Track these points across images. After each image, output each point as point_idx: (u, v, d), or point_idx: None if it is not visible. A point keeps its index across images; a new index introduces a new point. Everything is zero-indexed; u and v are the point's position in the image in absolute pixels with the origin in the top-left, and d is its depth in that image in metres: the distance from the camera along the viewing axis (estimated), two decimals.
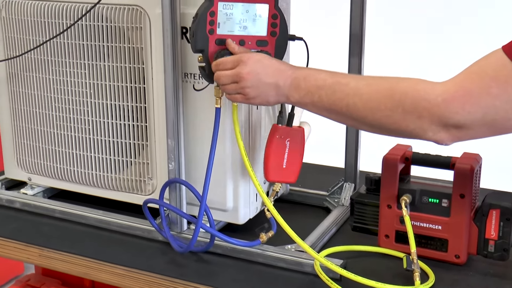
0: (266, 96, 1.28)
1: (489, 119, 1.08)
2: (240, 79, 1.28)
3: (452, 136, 1.12)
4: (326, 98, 1.20)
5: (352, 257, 1.45)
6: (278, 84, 1.26)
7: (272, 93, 1.27)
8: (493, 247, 1.39)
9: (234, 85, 1.29)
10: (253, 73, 1.27)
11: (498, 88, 1.05)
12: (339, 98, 1.18)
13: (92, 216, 1.64)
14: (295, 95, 1.25)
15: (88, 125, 1.63)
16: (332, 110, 1.21)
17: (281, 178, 1.50)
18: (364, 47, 1.66)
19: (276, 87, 1.26)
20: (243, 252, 1.47)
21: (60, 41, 1.60)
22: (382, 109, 1.15)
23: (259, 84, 1.27)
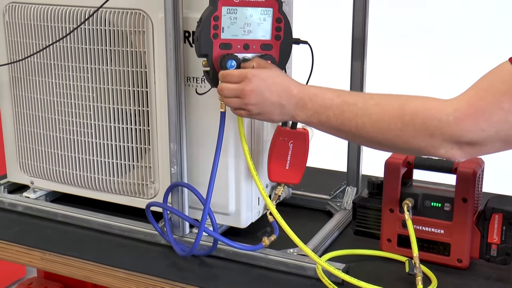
0: (270, 114, 1.27)
1: (503, 134, 1.07)
2: (244, 96, 1.27)
3: (465, 153, 1.11)
4: (334, 118, 1.19)
5: (354, 261, 1.45)
6: (282, 104, 1.25)
7: (276, 112, 1.26)
8: (495, 251, 1.39)
9: (237, 100, 1.29)
10: (256, 91, 1.26)
11: (510, 102, 1.05)
12: (348, 118, 1.17)
13: (94, 219, 1.65)
14: (301, 115, 1.24)
15: (90, 129, 1.63)
16: (340, 130, 1.20)
17: (284, 179, 1.50)
18: (366, 50, 1.66)
19: (280, 106, 1.25)
20: (245, 256, 1.47)
21: (63, 45, 1.60)
22: (392, 129, 1.14)
23: (263, 103, 1.26)
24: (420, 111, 1.11)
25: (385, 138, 1.15)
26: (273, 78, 1.27)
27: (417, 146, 1.13)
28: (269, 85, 1.26)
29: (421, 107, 1.12)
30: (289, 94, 1.24)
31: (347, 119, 1.17)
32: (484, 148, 1.09)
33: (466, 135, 1.08)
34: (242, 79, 1.28)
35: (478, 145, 1.09)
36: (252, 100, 1.27)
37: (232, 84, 1.30)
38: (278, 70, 1.30)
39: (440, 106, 1.11)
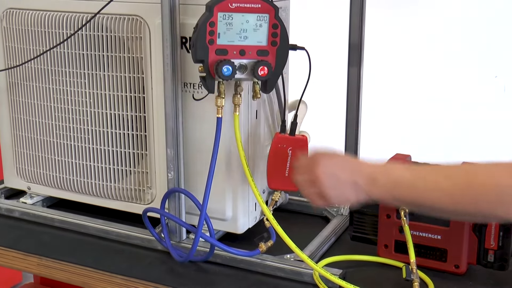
0: (346, 195, 1.24)
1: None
2: (317, 179, 1.25)
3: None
4: (407, 194, 1.19)
5: (351, 266, 1.45)
6: (355, 181, 1.23)
7: (351, 192, 1.24)
8: (493, 257, 1.39)
9: (312, 186, 1.26)
10: (329, 173, 1.25)
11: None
12: (420, 193, 1.17)
13: (91, 225, 1.64)
14: (375, 192, 1.22)
15: (87, 135, 1.63)
16: (414, 204, 1.21)
17: (283, 186, 1.50)
18: (363, 56, 1.67)
19: (354, 184, 1.23)
20: (242, 262, 1.47)
21: (60, 50, 1.60)
22: (466, 202, 1.14)
23: (337, 183, 1.24)
24: (489, 184, 1.12)
25: (461, 210, 1.16)
26: (341, 158, 1.27)
27: (494, 215, 1.15)
28: (340, 165, 1.25)
29: (489, 179, 1.12)
30: (361, 171, 1.23)
31: (420, 194, 1.17)
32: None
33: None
34: (313, 163, 1.27)
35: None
36: (327, 183, 1.24)
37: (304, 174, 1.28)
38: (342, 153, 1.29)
39: (504, 171, 1.11)
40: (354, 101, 1.69)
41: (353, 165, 1.26)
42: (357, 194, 1.23)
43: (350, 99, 1.70)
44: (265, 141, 1.57)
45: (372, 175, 1.22)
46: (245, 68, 1.37)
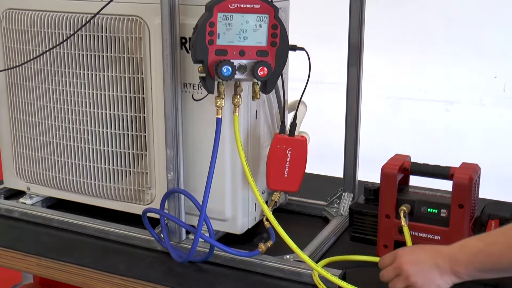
0: (433, 279, 1.25)
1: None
2: (402, 270, 1.27)
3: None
4: (487, 263, 1.20)
5: (351, 267, 1.45)
6: (438, 264, 1.24)
7: (437, 274, 1.25)
8: None
9: (399, 278, 1.27)
10: (412, 261, 1.27)
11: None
12: (498, 258, 1.19)
13: (90, 225, 1.64)
14: (459, 270, 1.23)
15: (87, 135, 1.63)
16: (498, 270, 1.22)
17: (282, 187, 1.50)
18: (362, 57, 1.67)
19: (437, 267, 1.24)
20: (242, 262, 1.47)
21: (60, 51, 1.60)
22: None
23: (421, 269, 1.25)
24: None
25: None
26: (420, 246, 1.29)
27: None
28: (420, 253, 1.27)
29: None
30: (440, 253, 1.25)
31: (497, 258, 1.19)
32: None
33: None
34: (394, 257, 1.29)
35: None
36: (411, 271, 1.26)
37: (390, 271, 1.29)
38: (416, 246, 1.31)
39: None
40: (353, 102, 1.69)
41: (432, 250, 1.27)
42: (442, 276, 1.24)
43: (349, 99, 1.70)
44: (265, 142, 1.57)
45: (452, 254, 1.24)
46: (244, 69, 1.37)
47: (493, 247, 1.19)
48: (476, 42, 3.18)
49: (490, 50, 3.16)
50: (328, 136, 1.61)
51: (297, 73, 1.65)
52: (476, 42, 3.18)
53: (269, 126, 1.59)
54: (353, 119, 1.70)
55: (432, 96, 3.30)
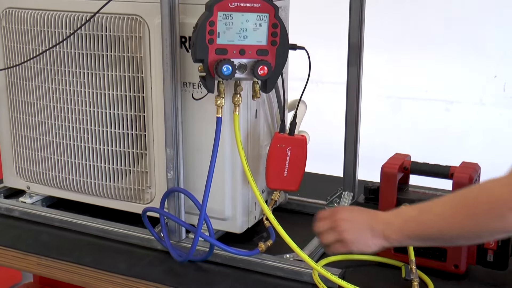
0: (364, 239, 1.29)
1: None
2: (337, 224, 1.31)
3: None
4: (416, 229, 1.24)
5: (350, 266, 1.45)
6: (372, 226, 1.28)
7: (369, 235, 1.28)
8: (492, 257, 1.39)
9: (332, 233, 1.31)
10: (347, 218, 1.31)
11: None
12: (428, 227, 1.22)
13: (91, 225, 1.64)
14: (390, 234, 1.26)
15: (87, 134, 1.63)
16: (427, 238, 1.25)
17: (282, 186, 1.50)
18: (362, 57, 1.67)
19: (370, 229, 1.28)
20: (242, 262, 1.47)
21: (60, 50, 1.60)
22: (466, 222, 1.18)
23: (355, 227, 1.29)
24: (481, 196, 1.16)
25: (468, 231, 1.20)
26: (359, 208, 1.34)
27: (496, 229, 1.16)
28: (357, 213, 1.32)
29: (480, 192, 1.17)
30: (376, 216, 1.29)
31: (428, 227, 1.22)
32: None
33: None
34: (333, 213, 1.33)
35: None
36: (345, 227, 1.30)
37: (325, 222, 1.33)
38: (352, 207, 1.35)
39: (495, 183, 1.14)
40: (353, 101, 1.69)
41: (369, 212, 1.31)
42: (374, 238, 1.27)
43: (349, 99, 1.70)
44: (265, 141, 1.57)
45: (387, 219, 1.27)
46: (245, 68, 1.37)
47: (425, 216, 1.21)
48: (476, 42, 3.19)
49: (490, 50, 3.16)
50: (328, 135, 1.61)
51: (297, 72, 1.65)
52: (476, 42, 3.19)
53: (269, 125, 1.59)
54: (353, 118, 1.70)
55: (432, 95, 3.30)
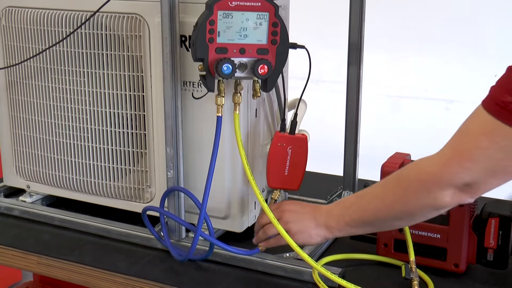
0: (308, 228, 1.35)
1: (490, 170, 1.13)
2: (282, 215, 1.37)
3: (468, 194, 1.17)
4: (354, 215, 1.29)
5: (350, 265, 1.45)
6: (315, 217, 1.35)
7: (312, 225, 1.34)
8: (492, 256, 1.39)
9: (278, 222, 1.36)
10: (292, 209, 1.38)
11: (487, 140, 1.11)
12: (363, 211, 1.27)
13: (91, 224, 1.64)
14: (332, 224, 1.33)
15: (87, 133, 1.63)
16: (364, 223, 1.30)
17: (283, 185, 1.50)
18: (362, 56, 1.67)
19: (314, 220, 1.35)
20: (242, 261, 1.47)
21: (60, 49, 1.60)
22: (398, 200, 1.22)
23: (299, 219, 1.35)
24: (412, 173, 1.21)
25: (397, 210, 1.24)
26: (305, 203, 1.41)
27: (425, 205, 1.20)
28: (302, 205, 1.39)
29: (412, 169, 1.22)
30: (319, 208, 1.36)
31: (364, 211, 1.27)
32: (482, 186, 1.15)
33: (456, 177, 1.15)
34: (280, 205, 1.41)
35: (475, 184, 1.15)
36: (290, 218, 1.37)
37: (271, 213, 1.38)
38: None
39: (427, 161, 1.19)
40: (353, 100, 1.69)
41: (314, 205, 1.39)
42: (317, 228, 1.34)
43: (349, 98, 1.70)
44: (265, 140, 1.57)
45: (328, 209, 1.33)
46: (245, 67, 1.37)
47: (362, 199, 1.26)
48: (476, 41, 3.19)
49: (490, 50, 3.16)
50: (328, 134, 1.61)
51: (297, 71, 1.65)
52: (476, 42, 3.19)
53: (269, 124, 1.59)
54: (353, 117, 1.69)
55: (433, 94, 3.30)
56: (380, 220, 1.28)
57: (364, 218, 1.29)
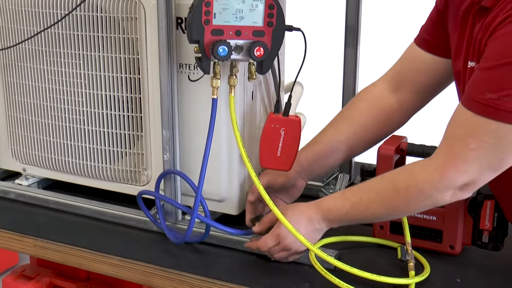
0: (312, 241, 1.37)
1: (485, 167, 1.19)
2: (281, 239, 1.37)
3: (466, 191, 1.22)
4: (354, 219, 1.35)
5: (347, 247, 1.46)
6: (316, 228, 1.37)
7: (316, 237, 1.39)
8: (487, 238, 1.40)
9: (278, 246, 1.38)
10: (287, 236, 1.36)
11: (475, 141, 1.17)
12: (363, 214, 1.33)
13: (86, 206, 1.64)
14: (330, 225, 1.38)
15: (83, 116, 1.62)
16: (362, 221, 1.39)
17: (275, 165, 1.50)
18: (359, 38, 1.66)
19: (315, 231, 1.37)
20: (238, 243, 1.47)
21: (55, 31, 1.59)
22: (399, 206, 1.29)
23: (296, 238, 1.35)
24: (410, 183, 1.25)
25: (399, 213, 1.35)
26: (295, 215, 1.37)
27: (426, 206, 1.28)
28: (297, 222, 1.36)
29: (409, 179, 1.26)
30: (312, 221, 1.36)
31: (363, 215, 1.33)
32: (478, 182, 1.21)
33: (455, 181, 1.20)
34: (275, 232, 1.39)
35: (472, 182, 1.21)
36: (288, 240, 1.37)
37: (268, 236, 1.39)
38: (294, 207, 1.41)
39: (423, 170, 1.24)
40: (350, 83, 1.69)
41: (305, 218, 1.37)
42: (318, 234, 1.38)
43: (346, 81, 1.69)
44: (261, 122, 1.57)
45: (323, 220, 1.36)
46: (241, 49, 1.36)
47: (359, 205, 1.32)
48: None
49: None
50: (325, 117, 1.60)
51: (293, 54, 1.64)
52: None
53: (265, 107, 1.58)
54: (350, 99, 1.69)
55: None
56: (379, 219, 1.40)
57: (365, 220, 1.38)
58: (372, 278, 1.30)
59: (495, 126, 1.14)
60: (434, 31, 1.43)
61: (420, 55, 1.46)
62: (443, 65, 1.43)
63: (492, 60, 1.15)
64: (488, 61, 1.15)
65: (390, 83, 1.51)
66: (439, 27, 1.42)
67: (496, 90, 1.12)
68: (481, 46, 1.20)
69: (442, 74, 1.44)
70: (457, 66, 1.33)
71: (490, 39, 1.16)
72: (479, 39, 1.21)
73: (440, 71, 1.44)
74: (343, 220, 1.35)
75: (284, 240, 1.36)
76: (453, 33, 1.36)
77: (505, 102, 1.12)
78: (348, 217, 1.34)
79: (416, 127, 1.65)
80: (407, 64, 1.49)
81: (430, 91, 1.48)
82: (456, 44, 1.34)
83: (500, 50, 1.14)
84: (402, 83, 1.49)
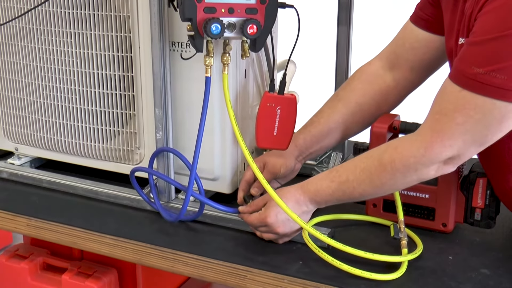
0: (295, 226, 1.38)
1: (470, 141, 1.19)
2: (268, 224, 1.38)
3: (451, 165, 1.23)
4: (342, 199, 1.35)
5: (340, 226, 1.46)
6: (303, 210, 1.37)
7: (306, 218, 1.38)
8: (479, 215, 1.41)
9: (265, 228, 1.39)
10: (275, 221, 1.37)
11: (462, 116, 1.17)
12: (351, 193, 1.33)
13: (80, 186, 1.64)
14: (317, 206, 1.39)
15: (75, 95, 1.61)
16: (352, 200, 1.38)
17: (272, 145, 1.50)
18: (352, 15, 1.65)
19: (302, 213, 1.37)
20: (231, 221, 1.47)
21: (45, 9, 1.58)
22: (386, 182, 1.28)
23: (285, 221, 1.37)
24: (396, 158, 1.25)
25: (386, 190, 1.34)
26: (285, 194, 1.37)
27: (412, 181, 1.27)
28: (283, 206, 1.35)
29: (395, 154, 1.26)
30: (299, 204, 1.37)
31: (350, 193, 1.33)
32: (463, 156, 1.22)
33: (440, 155, 1.21)
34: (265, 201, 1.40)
35: (457, 156, 1.21)
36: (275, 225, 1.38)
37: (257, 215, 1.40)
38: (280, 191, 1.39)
39: (408, 145, 1.25)
40: (343, 61, 1.68)
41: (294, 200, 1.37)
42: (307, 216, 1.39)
43: (339, 59, 1.69)
44: (254, 101, 1.56)
45: (310, 201, 1.37)
46: (233, 27, 1.36)
47: (345, 185, 1.32)
48: None
49: None
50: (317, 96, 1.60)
51: (285, 32, 1.63)
52: None
53: (258, 85, 1.58)
54: (343, 79, 1.69)
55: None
56: (367, 197, 1.40)
57: (353, 199, 1.36)
58: (365, 256, 1.31)
59: (481, 101, 1.14)
60: (430, 9, 1.43)
61: (415, 33, 1.46)
62: (438, 43, 1.43)
63: (480, 34, 1.14)
64: (477, 36, 1.15)
65: (386, 61, 1.51)
66: (434, 5, 1.42)
67: (484, 65, 1.12)
68: (471, 22, 1.20)
69: (438, 52, 1.44)
70: (450, 43, 1.33)
71: (479, 13, 1.16)
72: (469, 14, 1.20)
73: (436, 49, 1.44)
74: (330, 200, 1.36)
75: (272, 225, 1.37)
76: (446, 10, 1.35)
77: (492, 77, 1.12)
78: (335, 197, 1.35)
79: (409, 105, 1.65)
80: (402, 42, 1.49)
81: (426, 69, 1.48)
82: (448, 21, 1.34)
83: (488, 25, 1.13)
84: (398, 61, 1.49)
